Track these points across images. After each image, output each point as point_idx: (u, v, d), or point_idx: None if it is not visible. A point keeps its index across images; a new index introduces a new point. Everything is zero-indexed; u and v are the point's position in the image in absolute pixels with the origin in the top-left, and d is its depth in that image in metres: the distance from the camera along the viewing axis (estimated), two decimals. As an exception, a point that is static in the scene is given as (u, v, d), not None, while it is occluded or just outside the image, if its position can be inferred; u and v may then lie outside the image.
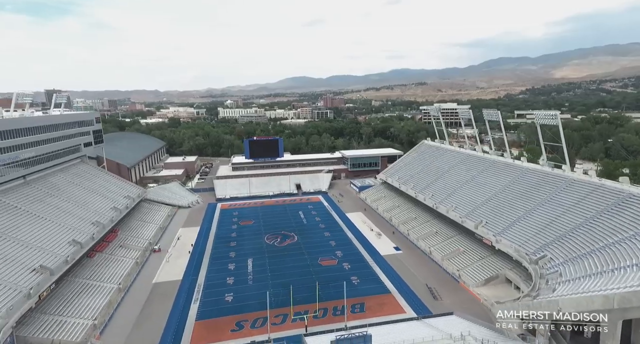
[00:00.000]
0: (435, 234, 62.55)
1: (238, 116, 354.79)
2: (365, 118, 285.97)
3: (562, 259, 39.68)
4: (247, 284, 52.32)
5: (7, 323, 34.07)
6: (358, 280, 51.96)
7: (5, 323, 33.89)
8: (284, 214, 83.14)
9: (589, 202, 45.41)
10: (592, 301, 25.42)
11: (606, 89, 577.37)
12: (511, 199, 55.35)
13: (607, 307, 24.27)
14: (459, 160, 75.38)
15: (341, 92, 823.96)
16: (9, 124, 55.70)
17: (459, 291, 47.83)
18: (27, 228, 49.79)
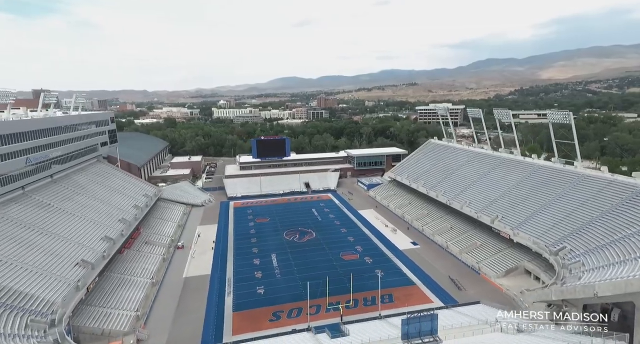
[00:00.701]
0: (450, 229, 65.23)
1: (233, 116, 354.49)
2: (361, 118, 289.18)
3: (583, 250, 42.54)
4: (275, 277, 54.16)
5: (65, 313, 35.48)
6: (382, 273, 53.90)
7: (63, 312, 35.31)
8: (297, 211, 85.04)
9: (603, 197, 48.49)
10: (631, 284, 28.08)
11: (592, 90, 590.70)
12: (525, 195, 58.31)
13: (641, 288, 26.99)
14: (469, 158, 78.32)
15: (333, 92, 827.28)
16: (40, 124, 56.50)
17: (480, 282, 50.45)
18: (63, 224, 50.89)
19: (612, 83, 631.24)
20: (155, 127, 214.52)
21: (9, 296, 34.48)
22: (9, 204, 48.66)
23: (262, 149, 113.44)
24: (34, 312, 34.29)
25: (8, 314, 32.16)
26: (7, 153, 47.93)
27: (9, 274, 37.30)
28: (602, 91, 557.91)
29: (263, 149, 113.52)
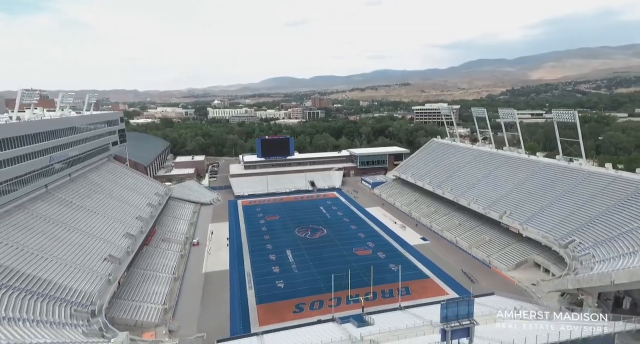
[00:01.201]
0: (459, 225, 67.46)
1: (229, 116, 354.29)
2: (357, 118, 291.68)
3: (592, 243, 44.94)
4: (293, 272, 55.76)
5: (103, 304, 36.78)
6: (396, 267, 55.83)
7: (101, 304, 36.60)
8: (305, 209, 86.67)
9: (609, 192, 51.04)
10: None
11: (581, 90, 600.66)
12: (532, 191, 60.76)
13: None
14: (473, 156, 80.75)
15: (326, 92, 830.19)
16: (61, 124, 57.34)
17: (492, 275, 52.66)
18: (86, 221, 51.89)
19: (601, 83, 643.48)
20: (153, 127, 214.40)
21: (50, 287, 35.65)
22: (35, 202, 49.54)
23: (267, 148, 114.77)
24: (74, 303, 35.51)
25: (53, 305, 33.39)
26: (35, 152, 48.79)
27: (47, 267, 38.45)
28: (591, 92, 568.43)
29: (267, 149, 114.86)
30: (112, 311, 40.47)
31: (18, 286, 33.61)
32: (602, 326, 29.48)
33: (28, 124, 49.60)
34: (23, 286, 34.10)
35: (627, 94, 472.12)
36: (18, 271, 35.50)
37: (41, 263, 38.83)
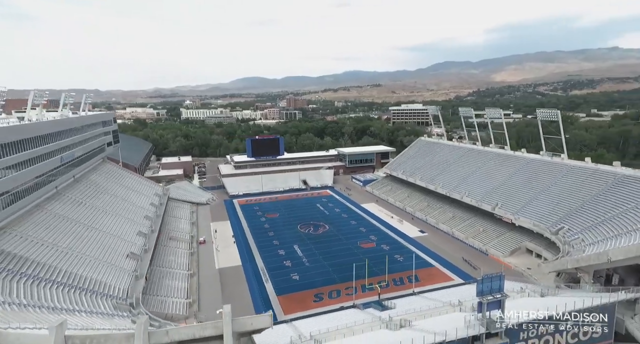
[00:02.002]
0: (453, 218, 72.14)
1: (204, 117, 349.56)
2: (334, 118, 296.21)
3: (579, 229, 50.27)
4: (305, 265, 58.11)
5: (139, 298, 37.91)
6: (401, 258, 59.74)
7: (138, 297, 37.74)
8: (303, 207, 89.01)
9: (590, 183, 56.92)
10: (638, 250, 35.24)
11: (541, 92, 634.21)
12: (520, 184, 66.24)
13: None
14: (461, 153, 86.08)
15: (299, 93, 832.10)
16: (68, 124, 56.78)
17: (490, 262, 57.20)
18: (100, 220, 52.08)
19: (557, 86, 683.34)
20: (128, 128, 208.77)
21: (88, 282, 36.38)
22: (50, 202, 49.17)
23: (257, 148, 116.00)
24: (112, 296, 36.43)
25: (96, 298, 34.31)
26: (50, 152, 48.48)
27: (80, 264, 39.01)
28: (550, 93, 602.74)
29: (258, 148, 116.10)
30: (143, 305, 41.37)
31: (64, 282, 34.32)
32: (606, 296, 34.02)
33: (45, 124, 49.17)
34: (65, 281, 34.79)
35: (581, 96, 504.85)
36: (58, 268, 36.06)
37: (73, 260, 39.30)
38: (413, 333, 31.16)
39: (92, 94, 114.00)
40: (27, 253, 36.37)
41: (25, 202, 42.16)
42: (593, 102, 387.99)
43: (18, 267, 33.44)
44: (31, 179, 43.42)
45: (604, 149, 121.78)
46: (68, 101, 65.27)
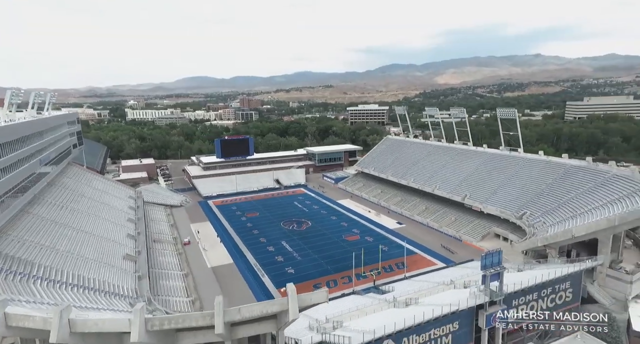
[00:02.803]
0: (426, 209, 77.85)
1: (154, 118, 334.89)
2: (291, 118, 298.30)
3: (540, 213, 57.47)
4: (296, 259, 60.14)
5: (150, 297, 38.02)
6: (386, 247, 63.77)
7: (148, 296, 37.89)
8: (281, 205, 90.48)
9: (545, 173, 64.87)
10: (597, 224, 41.81)
11: (479, 94, 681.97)
12: (485, 177, 73.37)
13: (610, 225, 40.55)
14: (429, 150, 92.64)
15: (250, 93, 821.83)
16: (42, 125, 53.75)
17: (465, 247, 63.09)
18: (88, 224, 50.33)
19: (493, 88, 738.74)
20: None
21: (97, 283, 35.86)
22: (33, 206, 46.63)
23: (226, 148, 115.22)
24: (123, 296, 36.27)
25: (111, 297, 34.08)
26: (32, 154, 45.99)
27: (82, 266, 38.15)
28: (487, 95, 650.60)
29: (227, 149, 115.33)
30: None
31: (75, 283, 33.67)
32: (572, 267, 40.15)
33: (26, 125, 46.48)
34: (76, 282, 34.14)
35: (513, 97, 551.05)
36: (63, 270, 35.16)
37: (75, 262, 38.32)
38: (423, 308, 34.76)
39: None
40: (31, 257, 35.05)
41: (16, 206, 40.12)
42: (525, 104, 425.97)
43: (28, 270, 32.38)
44: (20, 182, 41.30)
45: (543, 144, 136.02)
46: (37, 100, 61.32)
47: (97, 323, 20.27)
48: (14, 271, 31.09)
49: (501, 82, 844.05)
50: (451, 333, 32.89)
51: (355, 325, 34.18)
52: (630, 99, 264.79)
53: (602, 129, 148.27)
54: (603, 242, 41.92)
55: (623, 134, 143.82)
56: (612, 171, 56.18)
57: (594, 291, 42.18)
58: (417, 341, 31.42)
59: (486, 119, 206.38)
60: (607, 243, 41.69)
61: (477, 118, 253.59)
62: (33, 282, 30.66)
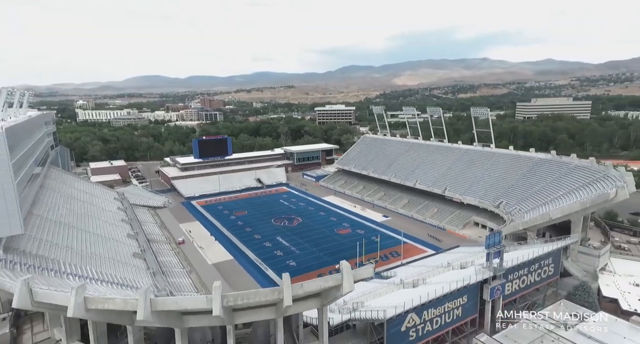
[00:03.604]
0: (408, 203, 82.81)
1: (111, 118, 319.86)
2: (257, 119, 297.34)
3: (515, 201, 63.84)
4: (295, 253, 62.37)
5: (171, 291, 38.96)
6: (377, 239, 67.58)
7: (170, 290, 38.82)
8: (267, 203, 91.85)
9: (516, 166, 71.76)
10: (572, 207, 47.92)
11: (435, 95, 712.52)
12: (462, 170, 79.48)
13: (582, 207, 46.77)
14: (407, 147, 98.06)
15: (209, 93, 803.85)
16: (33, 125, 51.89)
17: (449, 235, 68.36)
18: (88, 224, 49.61)
19: (447, 90, 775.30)
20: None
21: (119, 279, 36.29)
22: (34, 207, 45.32)
23: (204, 149, 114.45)
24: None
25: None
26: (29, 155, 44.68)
27: (99, 263, 38.29)
28: (442, 96, 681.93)
29: (205, 149, 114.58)
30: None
31: (101, 279, 34.04)
32: (551, 245, 45.87)
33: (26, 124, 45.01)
34: (102, 278, 34.51)
35: (467, 98, 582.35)
36: (83, 267, 35.36)
37: (91, 260, 38.43)
38: (434, 286, 38.55)
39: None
40: (53, 255, 34.89)
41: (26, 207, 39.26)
42: (478, 104, 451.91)
43: (56, 266, 32.43)
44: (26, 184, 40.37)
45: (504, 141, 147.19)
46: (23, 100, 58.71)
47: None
48: (46, 267, 31.13)
49: (454, 84, 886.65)
50: (461, 306, 36.89)
51: (376, 304, 37.40)
52: (570, 100, 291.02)
53: (551, 128, 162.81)
54: (575, 223, 48.18)
55: (569, 132, 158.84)
56: (574, 162, 63.75)
57: (568, 265, 48.32)
58: (435, 313, 35.08)
59: (449, 118, 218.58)
60: (578, 224, 48.00)
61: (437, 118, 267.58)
62: (67, 277, 30.88)
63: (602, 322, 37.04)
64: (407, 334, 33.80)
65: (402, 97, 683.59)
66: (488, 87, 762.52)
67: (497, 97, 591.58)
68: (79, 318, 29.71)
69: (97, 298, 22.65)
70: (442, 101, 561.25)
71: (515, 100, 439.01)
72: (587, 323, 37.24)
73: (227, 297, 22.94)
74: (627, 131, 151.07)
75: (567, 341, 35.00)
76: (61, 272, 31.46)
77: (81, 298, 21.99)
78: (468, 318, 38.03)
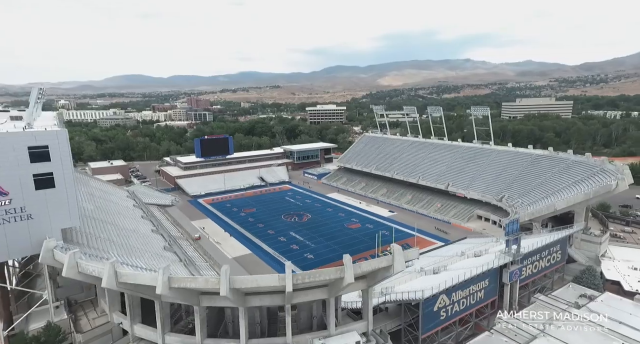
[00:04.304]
0: (412, 198, 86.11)
1: (98, 119, 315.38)
2: (246, 118, 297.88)
3: (517, 195, 67.75)
4: (311, 246, 64.70)
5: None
6: (387, 232, 70.51)
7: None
8: (274, 200, 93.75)
9: (516, 162, 75.83)
10: (576, 198, 51.82)
11: (421, 95, 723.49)
12: (463, 167, 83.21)
13: (586, 198, 50.71)
14: (407, 145, 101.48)
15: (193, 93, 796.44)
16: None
17: (455, 228, 71.81)
18: (115, 219, 50.82)
19: (432, 90, 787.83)
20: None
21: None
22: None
23: (206, 148, 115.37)
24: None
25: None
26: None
27: (140, 256, 39.86)
28: (427, 96, 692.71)
29: (207, 149, 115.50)
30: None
31: (148, 268, 35.63)
32: (558, 234, 49.61)
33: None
34: (147, 267, 36.07)
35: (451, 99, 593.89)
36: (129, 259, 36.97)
37: (131, 252, 39.87)
38: (456, 271, 41.58)
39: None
40: (101, 246, 36.41)
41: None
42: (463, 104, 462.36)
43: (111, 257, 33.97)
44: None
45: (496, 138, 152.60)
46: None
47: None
48: (102, 257, 32.69)
49: (439, 84, 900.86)
50: (483, 289, 40.01)
51: (405, 288, 40.14)
52: (553, 100, 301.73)
53: (539, 126, 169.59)
54: (578, 213, 52.17)
55: (555, 130, 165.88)
56: (571, 158, 68.11)
57: (572, 252, 52.21)
58: (461, 295, 38.06)
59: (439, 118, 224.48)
60: (581, 214, 52.01)
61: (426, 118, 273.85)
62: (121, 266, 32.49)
63: (609, 301, 40.88)
64: (439, 314, 36.67)
65: (388, 97, 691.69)
66: (471, 88, 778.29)
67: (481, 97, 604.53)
68: (140, 301, 31.96)
69: (180, 277, 24.74)
70: (427, 101, 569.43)
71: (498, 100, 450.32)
72: (595, 302, 40.98)
73: (297, 276, 25.24)
74: (609, 129, 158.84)
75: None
76: (117, 262, 32.97)
77: (166, 277, 23.95)
78: (489, 300, 41.21)
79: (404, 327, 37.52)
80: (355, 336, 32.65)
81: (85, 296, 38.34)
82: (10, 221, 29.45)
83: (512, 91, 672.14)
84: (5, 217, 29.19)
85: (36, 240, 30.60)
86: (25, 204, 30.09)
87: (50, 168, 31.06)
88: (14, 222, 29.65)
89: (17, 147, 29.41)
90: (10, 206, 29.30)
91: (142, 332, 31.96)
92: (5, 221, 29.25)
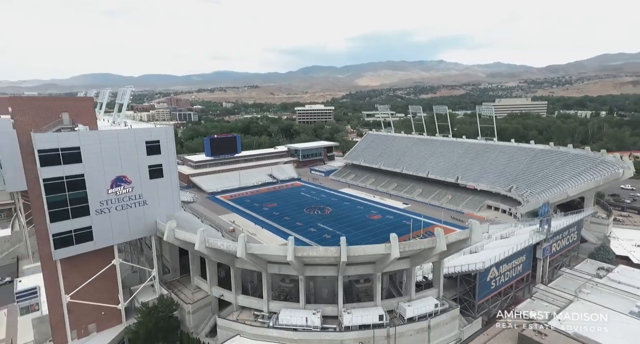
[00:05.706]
0: (423, 192, 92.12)
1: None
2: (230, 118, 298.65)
3: (525, 185, 74.80)
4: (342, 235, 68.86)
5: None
6: (409, 222, 76.03)
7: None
8: (291, 196, 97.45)
9: (520, 156, 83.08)
10: (588, 186, 58.82)
11: (399, 96, 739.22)
12: (470, 161, 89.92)
13: (596, 185, 57.73)
14: (413, 142, 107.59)
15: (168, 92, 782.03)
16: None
17: (469, 217, 78.13)
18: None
19: (410, 91, 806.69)
20: None
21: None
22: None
23: (215, 147, 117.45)
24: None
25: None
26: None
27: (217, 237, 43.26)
28: (405, 97, 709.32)
29: (216, 147, 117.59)
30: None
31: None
32: (574, 217, 56.38)
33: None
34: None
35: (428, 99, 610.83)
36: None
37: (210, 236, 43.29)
38: (494, 251, 47.23)
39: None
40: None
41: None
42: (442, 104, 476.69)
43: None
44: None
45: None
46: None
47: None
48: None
49: (415, 85, 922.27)
50: (521, 263, 45.84)
51: (457, 262, 45.45)
52: (529, 100, 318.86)
53: (522, 125, 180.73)
54: (588, 198, 59.30)
55: (537, 128, 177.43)
56: (571, 152, 75.83)
57: (584, 233, 59.22)
58: (506, 268, 43.70)
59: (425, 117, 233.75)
60: (591, 199, 59.18)
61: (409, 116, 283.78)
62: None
63: (624, 272, 47.83)
64: (490, 284, 42.14)
65: (367, 97, 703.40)
66: (447, 88, 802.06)
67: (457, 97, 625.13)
68: (244, 276, 36.23)
69: (301, 247, 31.77)
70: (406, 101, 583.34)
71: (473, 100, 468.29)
72: (613, 273, 47.79)
73: (350, 249, 32.38)
74: (586, 127, 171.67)
75: (604, 285, 45.07)
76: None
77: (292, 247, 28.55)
78: (525, 273, 47.11)
79: (459, 296, 42.73)
80: (432, 300, 37.80)
81: (172, 277, 41.50)
82: (132, 206, 32.55)
83: (485, 91, 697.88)
84: (128, 203, 32.27)
85: (150, 223, 33.79)
86: (142, 192, 33.24)
87: (160, 160, 34.29)
88: (134, 208, 32.77)
89: (138, 142, 32.51)
90: (132, 193, 32.42)
91: (245, 301, 36.11)
92: (129, 206, 32.32)
